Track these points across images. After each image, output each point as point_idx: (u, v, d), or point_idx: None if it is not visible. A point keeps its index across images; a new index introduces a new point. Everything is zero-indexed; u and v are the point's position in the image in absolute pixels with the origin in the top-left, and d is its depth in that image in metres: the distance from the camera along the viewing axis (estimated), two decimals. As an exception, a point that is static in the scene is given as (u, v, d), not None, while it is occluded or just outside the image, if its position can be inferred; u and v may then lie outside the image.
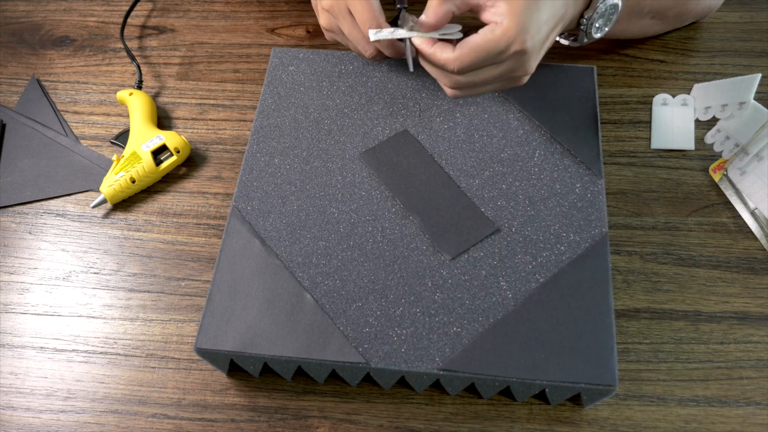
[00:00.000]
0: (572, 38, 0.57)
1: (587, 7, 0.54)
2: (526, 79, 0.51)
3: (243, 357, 0.48)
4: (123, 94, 0.66)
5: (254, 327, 0.48)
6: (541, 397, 0.51)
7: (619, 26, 0.55)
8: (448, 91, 0.51)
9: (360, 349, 0.47)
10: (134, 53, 0.72)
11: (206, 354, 0.48)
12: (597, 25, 0.55)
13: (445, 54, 0.48)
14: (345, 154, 0.56)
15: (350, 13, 0.54)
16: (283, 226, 0.53)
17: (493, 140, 0.57)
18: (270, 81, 0.61)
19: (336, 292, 0.49)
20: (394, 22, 0.56)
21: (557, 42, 0.62)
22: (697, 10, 0.67)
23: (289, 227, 0.53)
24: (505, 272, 0.50)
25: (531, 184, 0.54)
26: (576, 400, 0.51)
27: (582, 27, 0.55)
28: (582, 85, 0.59)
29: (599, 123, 0.57)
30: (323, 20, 0.58)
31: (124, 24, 0.72)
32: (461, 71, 0.48)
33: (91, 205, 0.61)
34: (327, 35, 0.60)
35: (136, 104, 0.65)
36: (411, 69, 0.54)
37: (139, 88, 0.68)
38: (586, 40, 0.57)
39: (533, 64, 0.49)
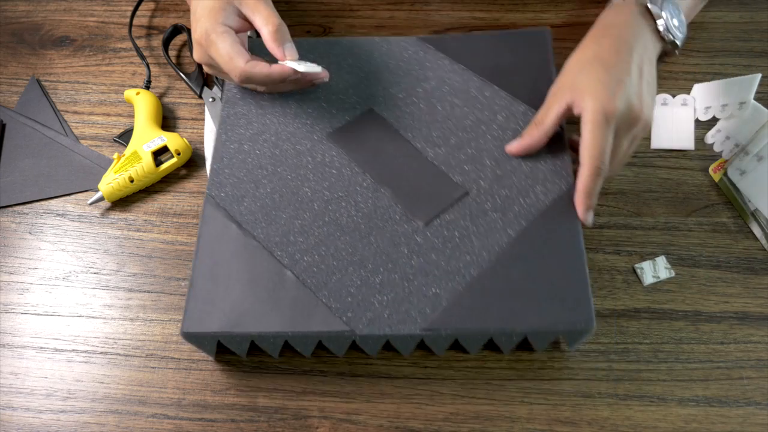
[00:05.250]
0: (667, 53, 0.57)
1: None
2: (648, 125, 0.52)
3: (230, 337, 0.49)
4: (130, 93, 0.66)
5: (238, 307, 0.49)
6: (526, 347, 0.51)
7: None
8: (587, 215, 0.52)
9: (344, 318, 0.48)
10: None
11: (193, 337, 0.49)
12: (675, 24, 0.54)
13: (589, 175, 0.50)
14: (313, 136, 0.58)
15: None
16: (258, 209, 0.54)
17: (455, 110, 0.58)
18: None
19: (316, 266, 0.51)
20: None
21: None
22: None
23: (263, 209, 0.54)
24: (477, 231, 0.52)
25: (495, 145, 0.56)
26: (575, 396, 0.51)
27: (663, 34, 0.54)
28: (537, 47, 0.61)
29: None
30: (196, 54, 0.57)
31: (131, 24, 0.72)
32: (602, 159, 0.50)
33: (89, 201, 0.61)
34: (204, 68, 0.60)
35: (142, 104, 0.65)
36: None
37: (147, 87, 0.68)
38: (679, 42, 0.55)
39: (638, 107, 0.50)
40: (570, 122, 0.54)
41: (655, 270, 0.56)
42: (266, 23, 0.54)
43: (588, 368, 0.53)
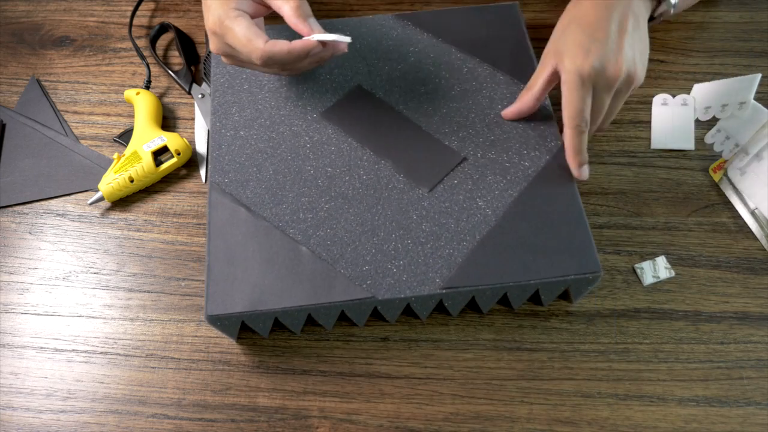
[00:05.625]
0: (660, 14, 0.57)
1: None
2: (632, 80, 0.52)
3: (254, 315, 0.50)
4: (130, 93, 0.66)
5: (259, 286, 0.50)
6: (535, 299, 0.54)
7: None
8: (581, 170, 0.54)
9: (364, 286, 0.50)
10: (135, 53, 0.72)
11: (217, 320, 0.50)
12: None
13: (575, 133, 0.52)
14: (307, 116, 0.59)
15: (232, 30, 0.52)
16: (263, 191, 0.55)
17: (442, 81, 0.60)
18: (218, 60, 0.62)
19: (329, 239, 0.52)
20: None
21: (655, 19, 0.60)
22: None
23: (269, 191, 0.55)
24: (480, 193, 0.54)
25: (485, 113, 0.58)
26: (575, 396, 0.51)
27: None
28: (508, 20, 0.64)
29: (532, 50, 0.61)
30: (212, 45, 0.55)
31: (131, 24, 0.72)
32: (583, 113, 0.52)
33: (89, 201, 0.61)
34: (223, 59, 0.57)
35: (142, 104, 0.65)
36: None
37: (147, 87, 0.68)
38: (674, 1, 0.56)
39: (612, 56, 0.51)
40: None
41: (655, 270, 0.56)
42: (286, 0, 0.53)
43: (588, 368, 0.53)
